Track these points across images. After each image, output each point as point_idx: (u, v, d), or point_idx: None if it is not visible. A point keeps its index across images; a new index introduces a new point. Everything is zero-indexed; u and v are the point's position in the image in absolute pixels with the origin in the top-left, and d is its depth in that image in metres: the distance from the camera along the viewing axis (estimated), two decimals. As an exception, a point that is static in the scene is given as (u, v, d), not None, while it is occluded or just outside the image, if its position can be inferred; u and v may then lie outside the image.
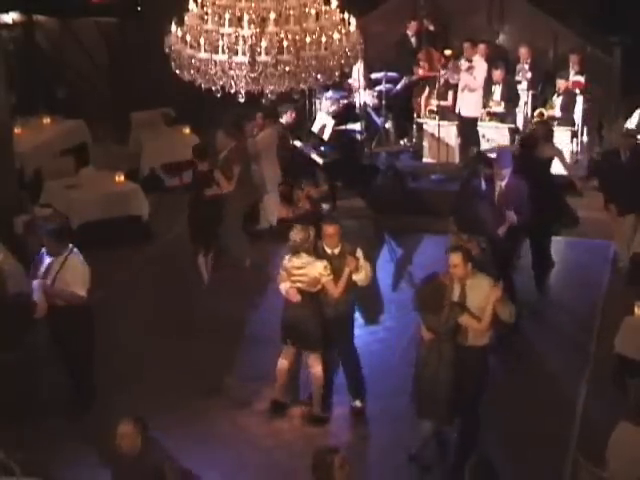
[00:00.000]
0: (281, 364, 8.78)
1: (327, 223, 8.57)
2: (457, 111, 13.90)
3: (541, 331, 9.88)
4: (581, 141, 13.96)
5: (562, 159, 11.72)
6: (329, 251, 8.48)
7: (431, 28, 14.67)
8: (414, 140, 14.45)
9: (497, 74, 13.51)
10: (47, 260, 8.61)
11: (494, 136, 13.57)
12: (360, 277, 8.50)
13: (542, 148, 11.03)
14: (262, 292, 11.07)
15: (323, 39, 6.79)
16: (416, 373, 7.95)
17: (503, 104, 13.53)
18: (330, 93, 14.38)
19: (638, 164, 10.78)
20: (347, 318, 8.75)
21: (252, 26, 6.65)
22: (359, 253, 8.49)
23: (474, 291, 7.72)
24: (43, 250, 8.69)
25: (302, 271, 8.43)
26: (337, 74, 7.08)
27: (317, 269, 8.38)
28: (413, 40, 14.86)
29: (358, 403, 8.85)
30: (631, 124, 13.00)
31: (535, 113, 13.50)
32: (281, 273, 8.61)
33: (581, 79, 13.69)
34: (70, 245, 8.64)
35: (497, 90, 13.59)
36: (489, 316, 7.64)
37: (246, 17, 6.66)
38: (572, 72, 13.73)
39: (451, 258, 7.73)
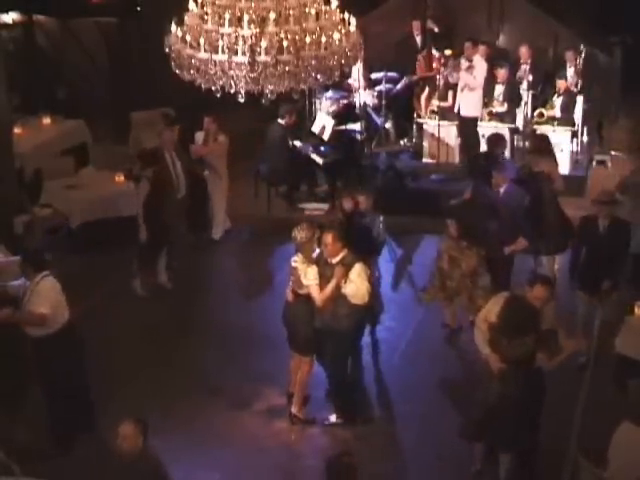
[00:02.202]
0: (292, 363, 8.84)
1: (325, 231, 8.38)
2: (457, 111, 13.89)
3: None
4: (581, 141, 13.96)
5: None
6: (329, 259, 8.30)
7: (435, 30, 14.67)
8: (414, 140, 14.44)
9: (501, 74, 13.48)
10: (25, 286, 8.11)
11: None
12: (349, 290, 8.18)
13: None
14: (261, 293, 11.09)
15: (323, 39, 6.79)
16: (475, 399, 7.65)
17: (506, 105, 13.52)
18: (330, 93, 14.37)
19: (617, 242, 9.13)
20: (335, 333, 8.34)
21: (252, 26, 6.65)
22: (356, 267, 8.20)
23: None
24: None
25: (296, 271, 8.43)
26: (337, 74, 7.07)
27: (303, 271, 8.32)
28: (418, 39, 14.85)
29: (332, 418, 8.70)
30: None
31: (535, 113, 13.50)
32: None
33: (572, 85, 13.59)
34: (46, 272, 8.04)
35: (500, 90, 13.58)
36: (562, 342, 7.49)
37: (246, 17, 6.66)
38: (570, 71, 13.69)
39: (538, 291, 7.37)
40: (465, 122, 13.78)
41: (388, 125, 14.50)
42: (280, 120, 12.88)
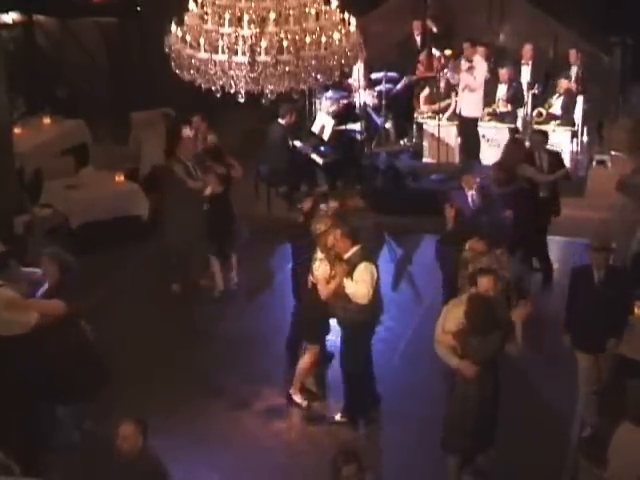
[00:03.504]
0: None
1: (335, 227, 8.40)
2: (457, 111, 13.90)
3: (541, 330, 9.87)
4: (581, 141, 13.96)
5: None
6: (341, 255, 8.31)
7: (434, 30, 14.67)
8: (414, 140, 14.45)
9: (503, 73, 13.50)
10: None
11: (494, 136, 13.59)
12: (350, 288, 8.17)
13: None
14: (261, 293, 11.08)
15: (323, 39, 6.79)
16: (451, 409, 7.54)
17: (509, 105, 13.51)
18: (330, 93, 14.38)
19: (615, 293, 8.10)
20: (344, 326, 8.45)
21: (252, 26, 6.65)
22: (360, 267, 8.20)
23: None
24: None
25: (314, 259, 8.48)
26: (337, 74, 7.08)
27: (315, 262, 8.39)
28: (418, 39, 14.85)
29: (337, 417, 8.72)
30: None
31: (534, 113, 13.50)
32: None
33: (573, 85, 13.58)
34: None
35: (504, 90, 13.58)
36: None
37: (246, 17, 6.66)
38: (573, 69, 13.68)
39: (483, 282, 7.40)
40: (465, 122, 13.79)
41: (388, 125, 14.51)
42: (280, 120, 12.87)
